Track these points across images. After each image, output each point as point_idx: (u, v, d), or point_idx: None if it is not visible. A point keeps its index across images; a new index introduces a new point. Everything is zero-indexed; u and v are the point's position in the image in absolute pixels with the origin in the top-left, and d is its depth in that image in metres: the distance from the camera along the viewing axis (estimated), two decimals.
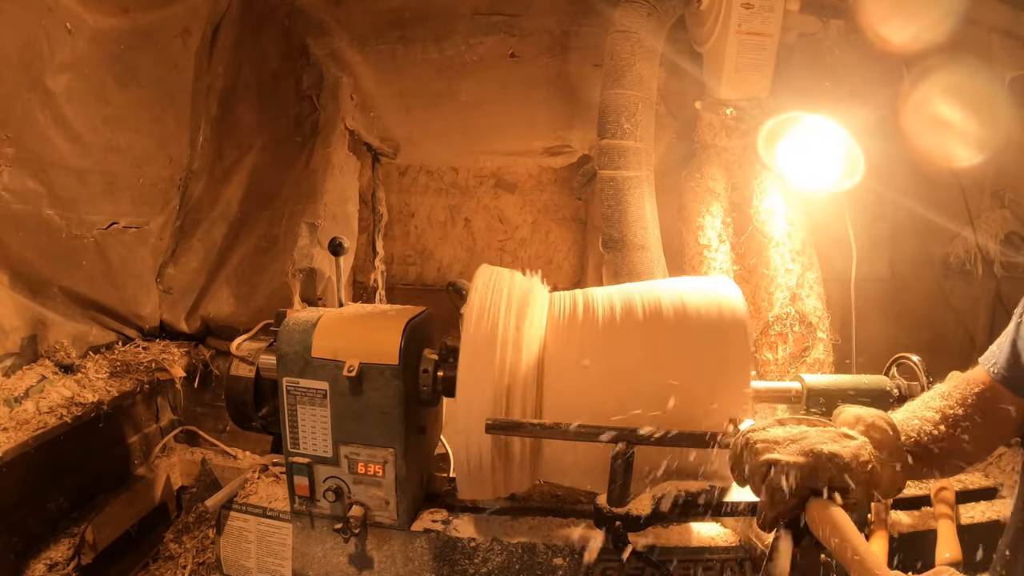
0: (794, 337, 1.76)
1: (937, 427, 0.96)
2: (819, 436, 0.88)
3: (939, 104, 1.66)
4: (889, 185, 1.89)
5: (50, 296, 1.64)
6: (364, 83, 2.14)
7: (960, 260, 1.96)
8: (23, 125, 1.45)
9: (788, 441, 0.89)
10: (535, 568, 1.27)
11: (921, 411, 0.99)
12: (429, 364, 1.26)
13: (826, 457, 0.85)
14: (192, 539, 1.75)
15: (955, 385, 1.00)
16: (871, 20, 1.65)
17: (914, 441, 0.95)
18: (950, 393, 0.99)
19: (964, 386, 0.99)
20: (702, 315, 1.14)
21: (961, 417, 0.96)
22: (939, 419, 0.97)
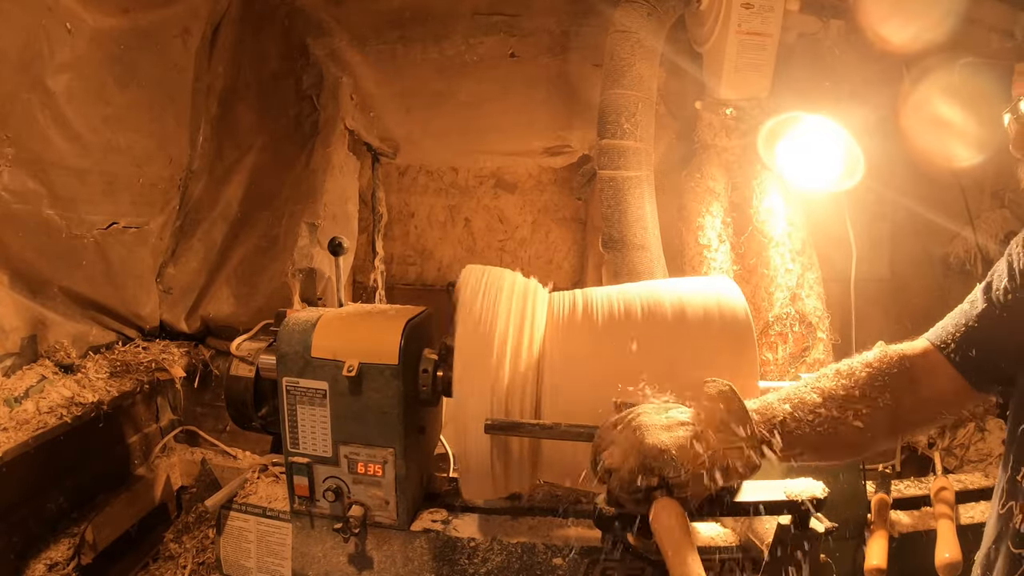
0: (794, 337, 1.76)
1: (815, 410, 0.90)
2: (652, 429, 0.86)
3: (939, 104, 1.66)
4: (889, 185, 1.89)
5: (50, 296, 1.64)
6: (364, 83, 2.14)
7: (960, 260, 1.96)
8: (23, 125, 1.45)
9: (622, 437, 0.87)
10: (535, 568, 1.27)
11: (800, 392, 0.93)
12: (429, 364, 1.26)
13: (653, 455, 0.83)
14: (192, 539, 1.75)
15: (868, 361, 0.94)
16: (871, 20, 1.65)
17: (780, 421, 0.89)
18: (852, 371, 0.93)
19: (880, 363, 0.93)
20: (702, 315, 1.14)
21: (855, 399, 0.90)
22: (820, 400, 0.91)
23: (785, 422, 0.90)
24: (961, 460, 1.73)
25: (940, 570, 1.26)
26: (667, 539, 0.80)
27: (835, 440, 0.91)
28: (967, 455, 1.73)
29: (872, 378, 0.92)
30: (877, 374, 0.92)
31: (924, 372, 0.92)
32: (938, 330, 0.95)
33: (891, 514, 1.39)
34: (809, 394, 0.93)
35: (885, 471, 1.51)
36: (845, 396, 0.91)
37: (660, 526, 0.81)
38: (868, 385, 0.92)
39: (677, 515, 0.81)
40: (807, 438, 0.90)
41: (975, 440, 1.73)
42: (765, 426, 0.90)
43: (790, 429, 0.90)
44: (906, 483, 1.50)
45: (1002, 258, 0.91)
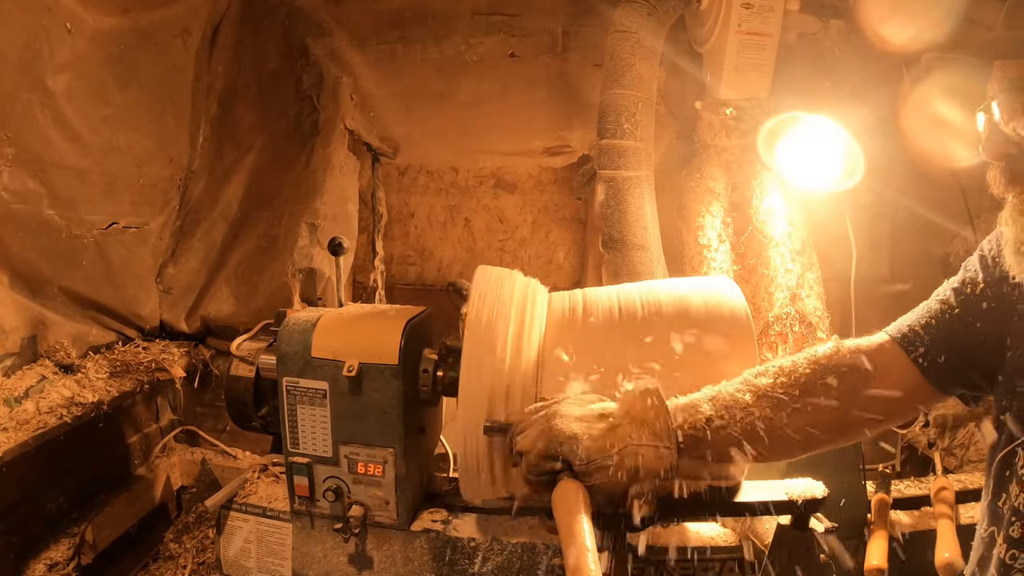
0: (794, 337, 1.76)
1: (746, 409, 0.88)
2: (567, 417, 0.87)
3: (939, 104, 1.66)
4: (889, 185, 1.89)
5: (50, 296, 1.64)
6: (364, 83, 2.14)
7: (960, 260, 1.95)
8: (23, 125, 1.45)
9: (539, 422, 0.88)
10: (535, 568, 1.27)
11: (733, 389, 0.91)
12: (429, 364, 1.26)
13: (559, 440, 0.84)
14: (192, 539, 1.75)
15: (816, 357, 0.92)
16: (871, 20, 1.65)
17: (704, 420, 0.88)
18: (794, 367, 0.91)
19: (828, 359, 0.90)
20: (703, 315, 1.14)
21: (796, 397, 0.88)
22: (751, 399, 0.89)
23: (711, 421, 0.88)
24: (961, 460, 1.73)
25: (940, 570, 1.26)
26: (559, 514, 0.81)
27: (773, 439, 0.89)
28: (967, 455, 1.73)
29: (817, 375, 0.90)
30: (823, 371, 0.90)
31: (880, 368, 0.90)
32: (902, 327, 0.93)
33: (891, 514, 1.39)
34: (742, 393, 0.91)
35: (885, 471, 1.51)
36: (783, 395, 0.89)
37: (556, 503, 0.82)
38: (811, 383, 0.90)
39: (572, 491, 0.82)
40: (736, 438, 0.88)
41: (975, 440, 1.73)
42: (689, 425, 0.88)
43: (717, 427, 0.88)
44: (906, 483, 1.50)
45: (974, 256, 0.90)
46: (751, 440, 0.88)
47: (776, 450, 0.92)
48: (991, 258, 0.88)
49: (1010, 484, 0.81)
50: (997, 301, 0.86)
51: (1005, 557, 0.80)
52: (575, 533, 0.77)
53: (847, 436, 0.96)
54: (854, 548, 1.34)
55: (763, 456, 0.93)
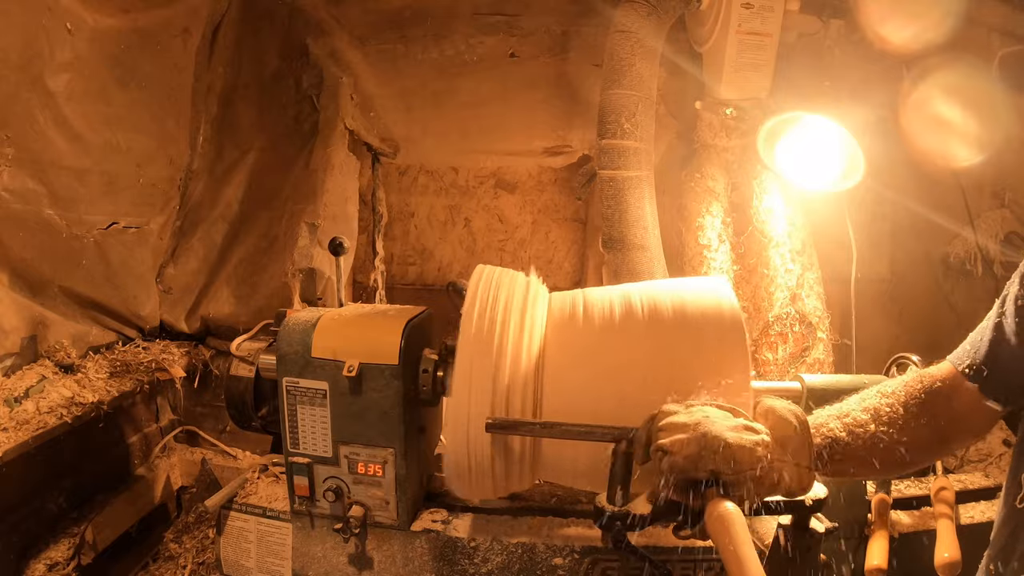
0: (794, 337, 1.76)
1: (865, 427, 0.93)
2: (718, 425, 0.86)
3: (939, 104, 1.66)
4: (889, 185, 1.89)
5: (50, 296, 1.64)
6: (364, 83, 2.14)
7: (960, 260, 1.96)
8: (23, 125, 1.45)
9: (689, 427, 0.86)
10: (535, 568, 1.27)
11: (850, 410, 0.96)
12: (429, 364, 1.26)
13: (714, 448, 0.83)
14: (192, 539, 1.75)
15: (906, 383, 0.97)
16: (871, 20, 1.65)
17: (831, 441, 0.93)
18: (894, 391, 0.96)
19: (915, 384, 0.96)
20: (700, 315, 1.14)
21: (900, 417, 0.93)
22: (869, 419, 0.94)
23: (838, 440, 0.93)
24: (961, 460, 1.73)
25: (940, 570, 1.26)
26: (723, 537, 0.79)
27: (883, 457, 0.94)
28: (967, 455, 1.73)
29: (910, 397, 0.95)
30: (914, 393, 0.95)
31: (953, 390, 0.94)
32: (958, 350, 0.97)
33: (891, 514, 1.39)
34: (858, 414, 0.95)
35: None
36: (891, 413, 0.94)
37: (717, 523, 0.80)
38: (910, 403, 0.95)
39: (737, 515, 0.80)
40: (857, 455, 0.93)
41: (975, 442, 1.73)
42: (821, 444, 0.93)
43: (842, 446, 0.93)
44: (906, 483, 1.50)
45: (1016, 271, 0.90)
46: (869, 459, 0.93)
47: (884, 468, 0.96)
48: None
49: None
50: None
51: None
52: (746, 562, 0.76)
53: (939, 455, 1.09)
54: (854, 548, 1.34)
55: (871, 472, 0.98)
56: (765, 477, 0.85)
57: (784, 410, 0.92)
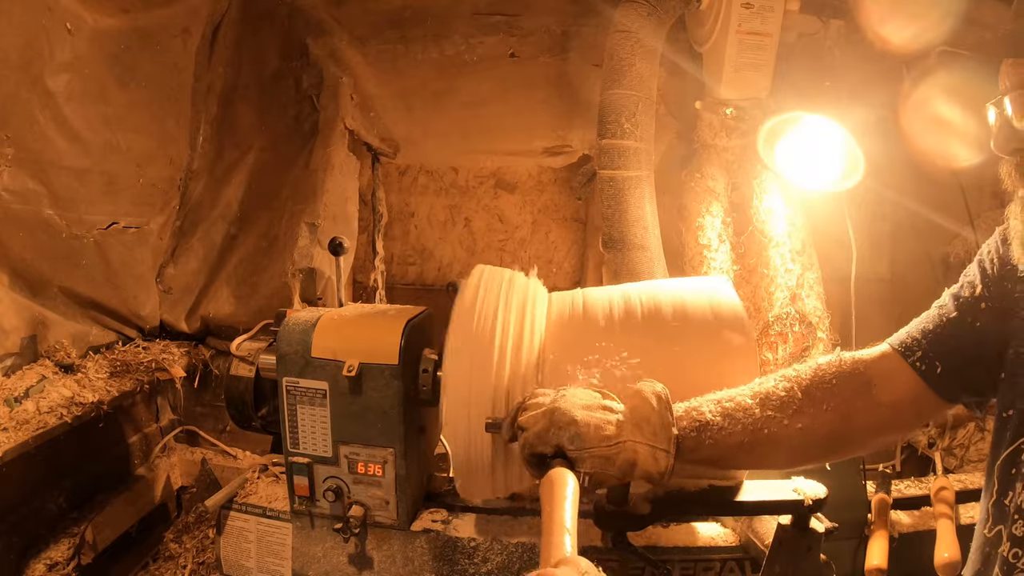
0: (794, 337, 1.76)
1: (748, 411, 0.88)
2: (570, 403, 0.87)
3: (939, 104, 1.66)
4: (889, 185, 1.89)
5: (50, 296, 1.64)
6: (364, 83, 2.14)
7: (960, 260, 1.96)
8: (23, 125, 1.45)
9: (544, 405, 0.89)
10: (535, 568, 1.27)
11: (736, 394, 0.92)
12: (429, 364, 1.26)
13: (559, 423, 0.85)
14: (192, 539, 1.75)
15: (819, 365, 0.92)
16: (871, 20, 1.65)
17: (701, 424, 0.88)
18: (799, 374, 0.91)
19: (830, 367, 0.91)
20: (701, 315, 1.14)
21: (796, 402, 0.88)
22: (755, 403, 0.89)
23: (709, 424, 0.89)
24: (961, 460, 1.73)
25: (939, 570, 1.26)
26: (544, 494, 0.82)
27: (772, 445, 0.89)
28: (967, 455, 1.73)
29: (819, 380, 0.90)
30: (826, 376, 0.90)
31: (881, 376, 0.90)
32: (902, 335, 0.93)
33: (891, 514, 1.39)
34: (744, 396, 0.91)
35: (885, 471, 1.51)
36: (785, 397, 0.89)
37: (543, 485, 0.83)
38: (813, 387, 0.90)
39: (560, 476, 0.82)
40: (735, 441, 0.88)
41: (975, 440, 1.73)
42: (689, 426, 0.89)
43: (715, 430, 0.88)
44: (906, 483, 1.50)
45: (972, 263, 0.90)
46: (751, 445, 0.89)
47: (775, 457, 0.92)
48: (990, 259, 0.89)
49: (1016, 482, 0.80)
50: (997, 299, 0.86)
51: (1009, 556, 0.79)
52: (555, 513, 0.78)
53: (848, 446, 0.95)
54: (854, 548, 1.34)
55: (761, 462, 0.93)
56: (616, 456, 0.84)
57: (647, 391, 0.90)
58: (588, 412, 0.87)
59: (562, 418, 0.86)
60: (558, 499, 0.79)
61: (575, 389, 0.93)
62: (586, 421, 0.85)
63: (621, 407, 0.90)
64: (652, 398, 0.89)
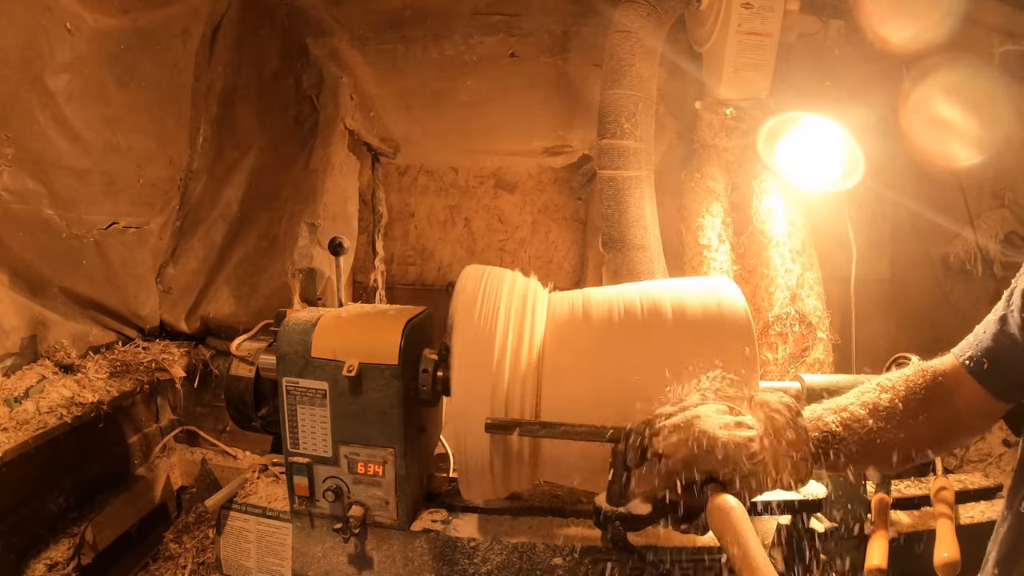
0: (794, 337, 1.76)
1: (862, 422, 0.92)
2: (710, 424, 0.86)
3: (939, 104, 1.66)
4: (889, 185, 1.89)
5: (50, 296, 1.64)
6: (364, 83, 2.14)
7: (960, 260, 1.96)
8: (23, 125, 1.45)
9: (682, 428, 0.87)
10: (535, 568, 1.27)
11: (847, 404, 0.95)
12: (429, 364, 1.26)
13: (707, 448, 0.83)
14: (192, 539, 1.75)
15: (907, 376, 0.96)
16: (871, 20, 1.65)
17: (827, 434, 0.91)
18: (894, 386, 0.95)
19: (917, 377, 0.95)
20: (702, 315, 1.14)
21: (899, 412, 0.92)
22: (866, 414, 0.92)
23: (835, 435, 0.92)
24: (961, 460, 1.73)
25: (939, 570, 1.26)
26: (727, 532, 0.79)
27: (880, 452, 0.93)
28: (967, 455, 1.73)
29: (912, 391, 0.94)
30: (915, 388, 0.94)
31: (955, 385, 0.93)
32: (962, 343, 0.96)
33: (891, 514, 1.39)
34: (855, 408, 0.94)
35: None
36: (889, 408, 0.93)
37: (719, 518, 0.81)
38: (910, 398, 0.94)
39: (739, 510, 0.80)
40: (854, 451, 0.92)
41: (975, 440, 1.73)
42: (817, 438, 0.92)
43: (839, 440, 0.92)
44: (906, 483, 1.50)
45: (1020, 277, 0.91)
46: (864, 454, 0.92)
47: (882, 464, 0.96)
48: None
49: None
50: None
51: None
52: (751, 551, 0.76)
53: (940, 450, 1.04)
54: (854, 548, 1.34)
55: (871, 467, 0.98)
56: (761, 471, 0.84)
57: (778, 403, 0.91)
58: (729, 432, 0.85)
59: (708, 443, 0.84)
60: (744, 532, 0.77)
61: (705, 407, 0.91)
62: (733, 442, 0.84)
63: (754, 421, 0.90)
64: (784, 410, 0.90)
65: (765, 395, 0.94)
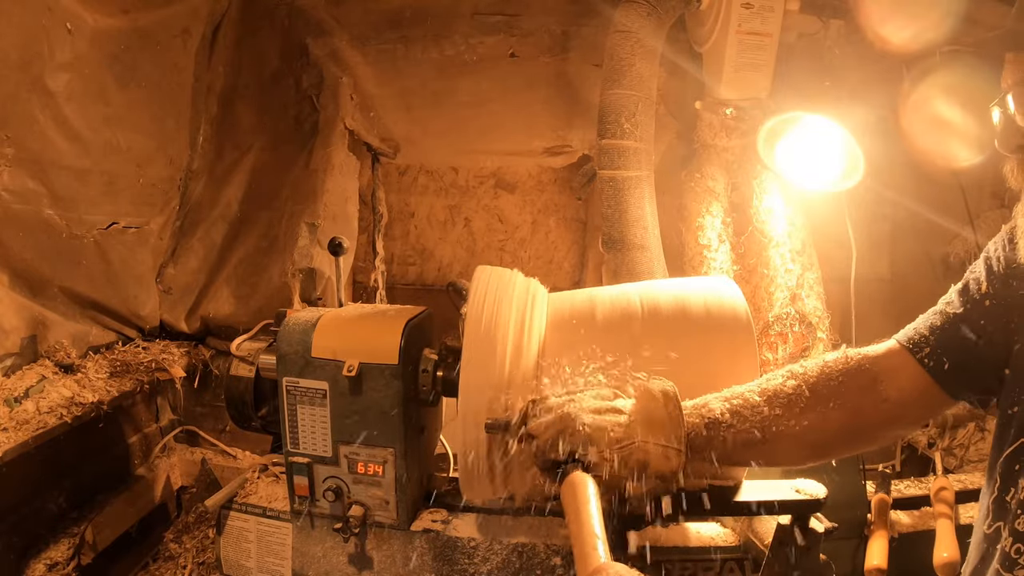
0: (794, 337, 1.76)
1: (756, 408, 0.88)
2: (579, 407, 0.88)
3: (939, 104, 1.66)
4: (889, 185, 1.89)
5: (50, 296, 1.64)
6: (364, 83, 2.14)
7: (960, 260, 1.96)
8: (23, 125, 1.45)
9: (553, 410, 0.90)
10: (535, 568, 1.27)
11: (744, 391, 0.92)
12: (429, 364, 1.26)
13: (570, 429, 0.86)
14: (192, 539, 1.75)
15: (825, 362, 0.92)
16: (871, 20, 1.65)
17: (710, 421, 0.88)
18: (807, 371, 0.91)
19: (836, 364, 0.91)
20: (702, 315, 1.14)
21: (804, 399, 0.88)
22: (762, 400, 0.89)
23: (718, 421, 0.89)
24: (961, 460, 1.73)
25: (938, 570, 1.26)
26: (567, 502, 0.82)
27: (780, 442, 0.89)
28: (967, 455, 1.73)
29: (826, 377, 0.90)
30: (833, 373, 0.91)
31: (887, 372, 0.90)
32: (909, 331, 0.93)
33: (891, 514, 1.39)
34: (751, 394, 0.91)
35: (885, 471, 1.51)
36: (792, 394, 0.89)
37: (564, 492, 0.84)
38: (820, 384, 0.90)
39: (581, 481, 0.83)
40: (745, 439, 0.88)
41: (975, 440, 1.73)
42: (699, 424, 0.89)
43: (724, 427, 0.89)
44: (906, 483, 1.50)
45: (979, 259, 0.90)
46: (760, 442, 0.89)
47: (785, 454, 0.92)
48: (996, 257, 0.89)
49: (1019, 479, 0.80)
50: (1002, 297, 0.86)
51: (1011, 551, 0.79)
52: (583, 521, 0.78)
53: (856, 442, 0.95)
54: (854, 548, 1.34)
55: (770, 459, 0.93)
56: (628, 458, 0.84)
57: (655, 389, 0.90)
58: (597, 416, 0.87)
59: (571, 424, 0.86)
60: (582, 504, 0.79)
61: (585, 392, 0.93)
62: (596, 425, 0.86)
63: (629, 406, 0.89)
64: (660, 396, 0.89)
65: (648, 381, 0.92)
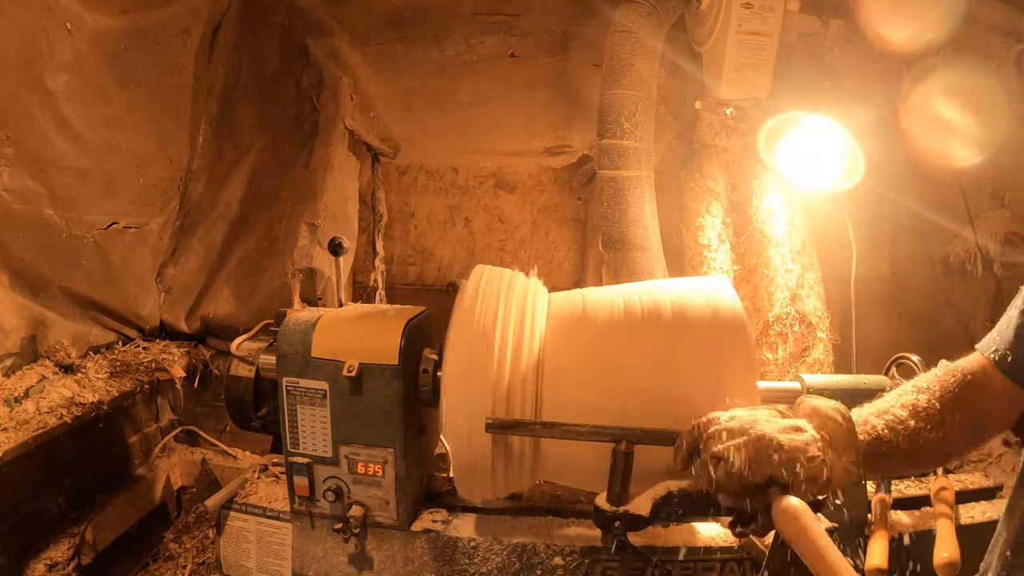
0: (794, 337, 1.76)
1: (905, 423, 0.94)
2: (770, 427, 0.88)
3: (939, 104, 1.66)
4: (889, 185, 1.89)
5: (50, 296, 1.64)
6: (364, 83, 2.14)
7: (960, 260, 1.96)
8: (23, 125, 1.45)
9: (740, 432, 0.88)
10: (535, 568, 1.28)
11: (889, 407, 0.97)
12: (429, 364, 1.26)
13: (768, 451, 0.85)
14: (192, 539, 1.75)
15: (939, 376, 0.98)
16: (871, 20, 1.65)
17: (874, 438, 0.94)
18: (929, 387, 0.97)
19: (948, 377, 0.97)
20: (701, 315, 1.14)
21: (937, 412, 0.94)
22: (907, 415, 0.95)
23: (881, 437, 0.94)
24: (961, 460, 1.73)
25: (938, 570, 1.26)
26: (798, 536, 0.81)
27: (922, 453, 0.95)
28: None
29: (945, 391, 0.96)
30: (949, 387, 0.96)
31: (984, 380, 0.95)
32: (986, 339, 0.97)
33: (891, 514, 1.39)
34: (896, 410, 0.96)
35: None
36: (927, 408, 0.95)
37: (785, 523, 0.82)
38: (944, 398, 0.96)
39: (804, 512, 0.82)
40: (898, 451, 0.94)
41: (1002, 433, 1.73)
42: (865, 441, 0.93)
43: (885, 442, 0.94)
44: (906, 483, 1.50)
45: None
46: (908, 454, 0.94)
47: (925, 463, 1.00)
48: None
49: None
50: None
51: None
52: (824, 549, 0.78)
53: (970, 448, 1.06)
54: (854, 548, 1.34)
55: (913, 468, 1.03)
56: (818, 475, 0.86)
57: (830, 409, 0.93)
58: (788, 436, 0.88)
59: (770, 444, 0.86)
60: (816, 535, 0.79)
61: (759, 411, 0.93)
62: (793, 445, 0.86)
63: (809, 426, 0.91)
64: (838, 415, 0.92)
65: (815, 400, 0.96)
